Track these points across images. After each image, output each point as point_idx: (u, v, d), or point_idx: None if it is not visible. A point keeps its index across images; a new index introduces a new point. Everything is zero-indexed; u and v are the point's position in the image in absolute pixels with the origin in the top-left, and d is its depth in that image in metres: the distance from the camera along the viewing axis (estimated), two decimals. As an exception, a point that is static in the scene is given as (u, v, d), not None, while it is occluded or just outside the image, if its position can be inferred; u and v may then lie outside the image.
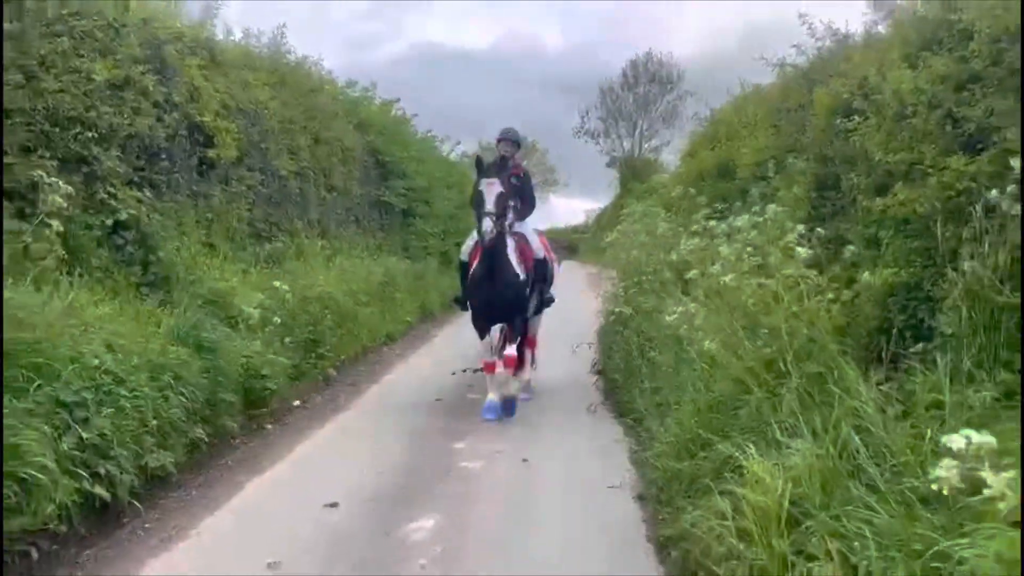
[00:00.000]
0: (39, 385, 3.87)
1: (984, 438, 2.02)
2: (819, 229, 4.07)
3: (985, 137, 3.82)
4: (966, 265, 3.50)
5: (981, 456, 2.03)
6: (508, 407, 6.62)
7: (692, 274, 4.33)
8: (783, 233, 3.80)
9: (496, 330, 6.95)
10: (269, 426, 6.32)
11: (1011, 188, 3.35)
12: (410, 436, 6.12)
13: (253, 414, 6.23)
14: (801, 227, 3.72)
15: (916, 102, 4.24)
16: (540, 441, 6.00)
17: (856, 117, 5.08)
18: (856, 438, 2.67)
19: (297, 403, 7.06)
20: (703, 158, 9.74)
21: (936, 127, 4.08)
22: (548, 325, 8.20)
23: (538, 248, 7.31)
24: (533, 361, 7.81)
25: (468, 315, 7.17)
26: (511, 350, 6.75)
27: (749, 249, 3.95)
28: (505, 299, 6.65)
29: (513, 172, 7.12)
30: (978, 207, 3.54)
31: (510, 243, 6.72)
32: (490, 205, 6.36)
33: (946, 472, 2.04)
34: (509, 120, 8.92)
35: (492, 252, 6.50)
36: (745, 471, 2.83)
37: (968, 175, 3.72)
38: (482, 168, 6.66)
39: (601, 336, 9.58)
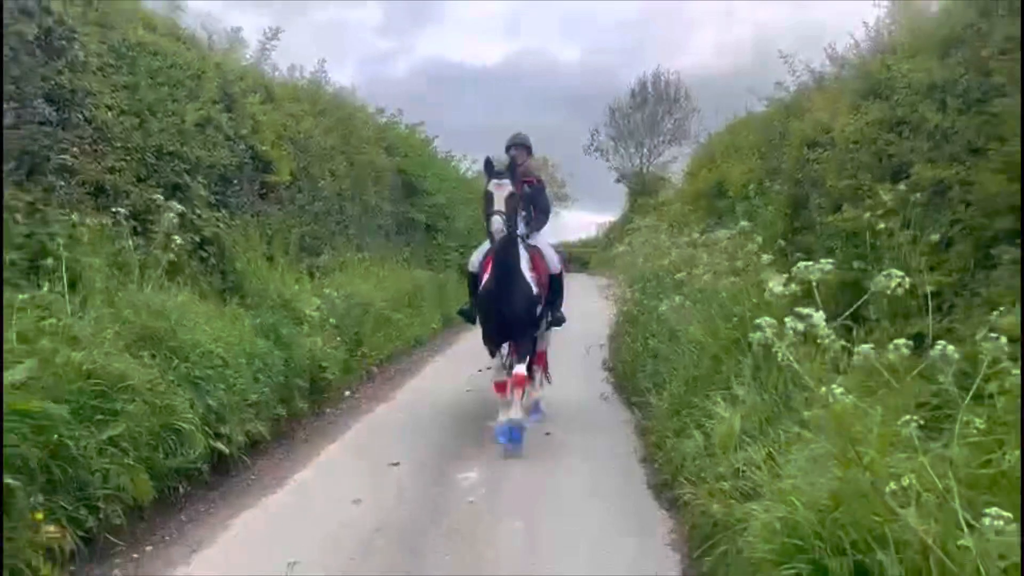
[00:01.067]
0: (176, 364, 5.03)
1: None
2: (780, 240, 5.18)
3: (907, 168, 4.94)
4: (888, 268, 4.60)
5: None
6: (516, 434, 6.06)
7: (679, 276, 5.47)
8: (750, 244, 4.92)
9: (505, 346, 6.60)
10: (328, 409, 7.46)
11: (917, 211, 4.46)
12: (448, 417, 7.23)
13: (315, 399, 7.38)
14: (760, 239, 4.84)
15: (858, 140, 5.36)
16: (560, 421, 7.10)
17: (819, 149, 6.20)
18: (791, 387, 3.77)
19: (348, 392, 8.20)
20: (701, 178, 10.88)
21: (871, 160, 5.20)
22: (563, 330, 9.24)
23: (553, 263, 6.88)
24: (543, 380, 7.42)
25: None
26: (520, 368, 6.26)
27: (724, 256, 5.08)
28: (518, 315, 6.23)
29: (526, 180, 6.80)
30: (897, 223, 4.65)
31: (523, 256, 6.38)
32: (500, 205, 5.98)
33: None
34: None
35: (505, 265, 6.15)
36: (714, 415, 3.92)
37: (893, 198, 4.83)
38: (492, 170, 6.22)
39: (612, 339, 10.72)
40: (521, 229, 6.47)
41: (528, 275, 6.33)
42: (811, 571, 2.32)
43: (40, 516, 3.46)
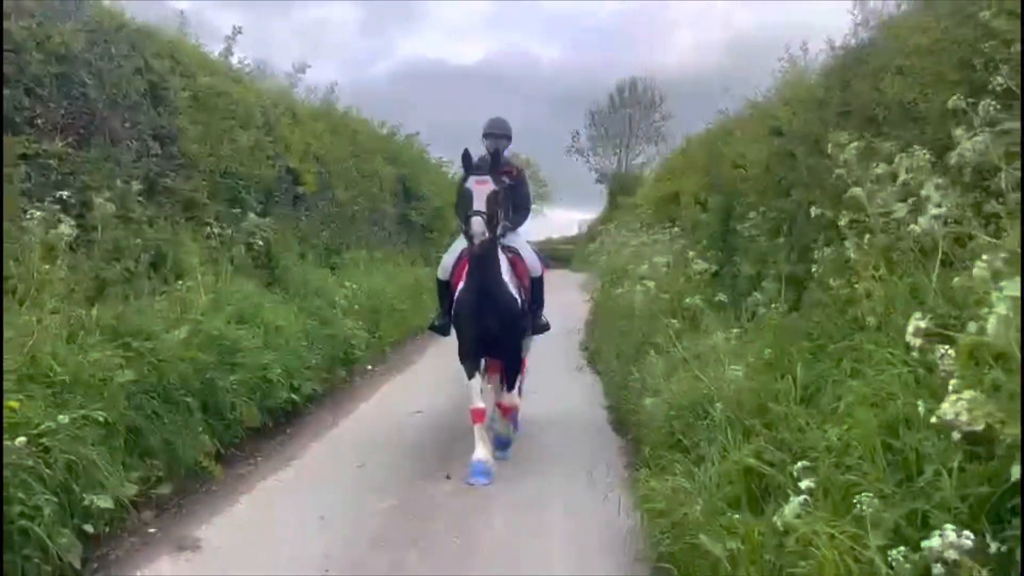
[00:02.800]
0: (261, 335, 6.82)
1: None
2: (704, 241, 7.06)
3: (793, 189, 6.81)
4: (781, 264, 6.48)
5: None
6: (503, 445, 5.95)
7: (629, 268, 7.35)
8: (681, 246, 6.80)
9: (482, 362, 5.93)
10: (357, 378, 9.26)
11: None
12: (453, 384, 9.02)
13: (348, 369, 9.17)
14: (683, 241, 6.72)
15: (764, 165, 7.24)
16: (543, 388, 8.91)
17: (741, 170, 8.08)
18: (707, 343, 5.62)
19: (370, 367, 10.00)
20: (663, 186, 12.76)
21: (772, 182, 7.08)
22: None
23: (534, 266, 6.17)
24: (520, 391, 6.57)
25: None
26: (513, 396, 5.95)
27: (666, 252, 6.95)
28: (501, 328, 5.54)
29: (505, 171, 6.05)
30: (785, 228, 6.52)
31: (503, 259, 5.70)
32: (480, 204, 5.26)
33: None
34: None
35: (484, 271, 5.44)
36: (646, 362, 5.80)
37: (783, 212, 6.71)
38: (470, 164, 5.54)
39: (588, 325, 12.61)
40: (501, 228, 5.68)
41: (510, 282, 5.64)
42: (674, 420, 4.22)
43: (203, 433, 5.27)
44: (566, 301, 13.57)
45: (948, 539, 2.00)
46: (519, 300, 5.69)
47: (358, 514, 4.77)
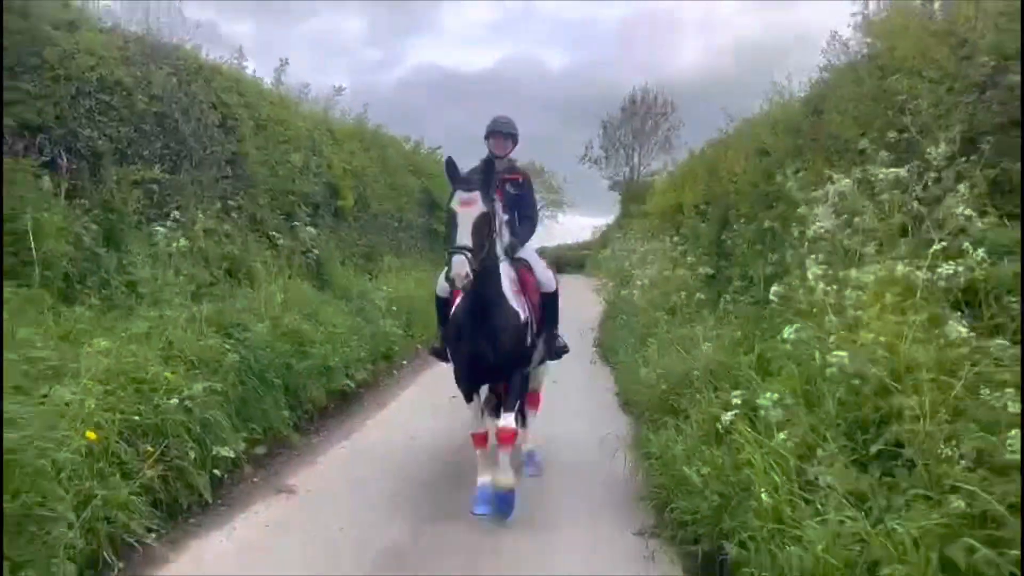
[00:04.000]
0: (322, 330, 8.00)
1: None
2: (701, 248, 8.19)
3: (777, 200, 7.92)
4: (759, 268, 7.61)
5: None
6: (504, 503, 4.86)
7: (635, 272, 8.49)
8: (680, 251, 7.94)
9: (485, 389, 5.44)
10: (395, 371, 10.44)
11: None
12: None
13: (388, 363, 10.35)
14: (683, 247, 7.85)
15: (752, 179, 8.36)
16: (561, 377, 10.05)
17: (734, 183, 9.20)
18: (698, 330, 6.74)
19: (405, 361, 11.18)
20: (669, 196, 13.88)
21: (759, 195, 8.20)
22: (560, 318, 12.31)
23: (546, 279, 5.55)
24: (523, 421, 5.93)
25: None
26: (508, 419, 4.97)
27: (667, 258, 8.08)
28: (500, 350, 4.82)
29: (508, 178, 5.51)
30: (767, 237, 7.64)
31: (506, 272, 5.00)
32: (464, 236, 4.43)
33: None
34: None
35: (481, 284, 4.59)
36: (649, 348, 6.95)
37: (765, 224, 7.83)
38: (456, 175, 4.65)
39: (600, 325, 13.76)
40: (506, 240, 5.11)
41: (513, 299, 4.94)
42: (665, 390, 5.38)
43: (284, 408, 6.46)
44: (580, 304, 14.76)
45: (829, 449, 3.14)
46: (523, 317, 4.93)
47: (417, 470, 5.95)
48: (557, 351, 5.76)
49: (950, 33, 4.57)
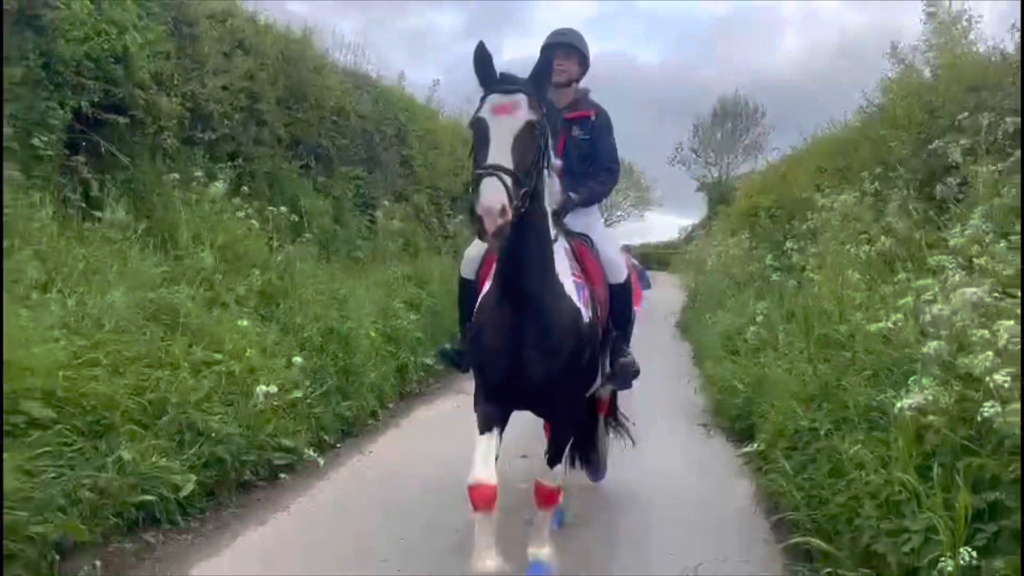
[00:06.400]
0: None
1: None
2: (765, 244, 10.43)
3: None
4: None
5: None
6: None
7: (710, 263, 10.79)
8: (750, 246, 10.22)
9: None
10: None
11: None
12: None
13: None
14: (751, 243, 10.10)
15: (808, 191, 10.50)
16: (643, 346, 12.40)
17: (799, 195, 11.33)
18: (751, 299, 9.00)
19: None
20: (747, 201, 15.95)
21: (814, 207, 10.35)
22: (649, 305, 14.79)
23: (614, 265, 3.87)
24: (617, 435, 4.92)
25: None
26: (550, 476, 3.42)
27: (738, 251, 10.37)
28: (549, 362, 3.09)
29: (574, 116, 3.89)
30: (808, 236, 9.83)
31: (562, 250, 3.31)
32: (501, 153, 2.74)
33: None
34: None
35: (522, 263, 3.01)
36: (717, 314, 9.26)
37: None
38: (490, 71, 2.97)
39: (683, 310, 16.06)
40: (556, 199, 3.36)
41: (570, 284, 3.25)
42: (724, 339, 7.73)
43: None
44: (665, 297, 17.08)
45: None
46: (585, 317, 3.26)
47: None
48: (621, 372, 3.79)
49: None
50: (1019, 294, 2.53)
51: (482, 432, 3.22)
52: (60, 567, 3.26)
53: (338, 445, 5.75)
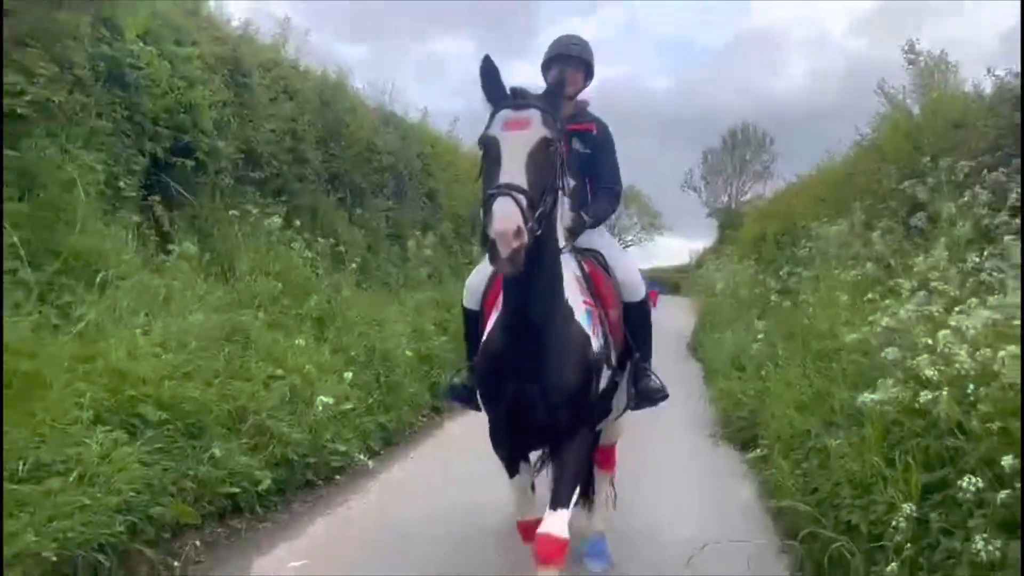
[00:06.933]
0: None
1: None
2: (769, 267, 11.07)
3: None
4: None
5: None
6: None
7: (720, 287, 11.45)
8: (755, 270, 10.87)
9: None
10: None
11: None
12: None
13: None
14: (756, 268, 10.75)
15: (805, 221, 11.16)
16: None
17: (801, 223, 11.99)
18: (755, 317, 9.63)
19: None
20: (753, 227, 16.63)
21: (806, 232, 10.99)
22: (660, 327, 15.24)
23: (632, 281, 3.72)
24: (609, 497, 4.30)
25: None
26: (556, 521, 2.96)
27: (743, 274, 11.02)
28: (556, 396, 2.95)
29: (576, 128, 3.68)
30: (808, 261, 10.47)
31: (570, 268, 3.20)
32: (515, 172, 2.61)
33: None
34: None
35: (528, 289, 2.83)
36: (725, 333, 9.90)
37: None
38: (498, 87, 2.88)
39: (694, 332, 16.68)
40: (566, 215, 3.22)
41: (579, 307, 3.10)
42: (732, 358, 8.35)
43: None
44: (675, 319, 17.72)
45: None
46: (596, 345, 3.12)
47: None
48: (647, 394, 3.73)
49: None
50: (958, 310, 3.16)
51: (512, 473, 3.29)
52: (170, 545, 3.93)
53: (381, 452, 6.39)
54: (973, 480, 2.55)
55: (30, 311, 4.27)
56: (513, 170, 2.61)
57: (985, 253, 3.69)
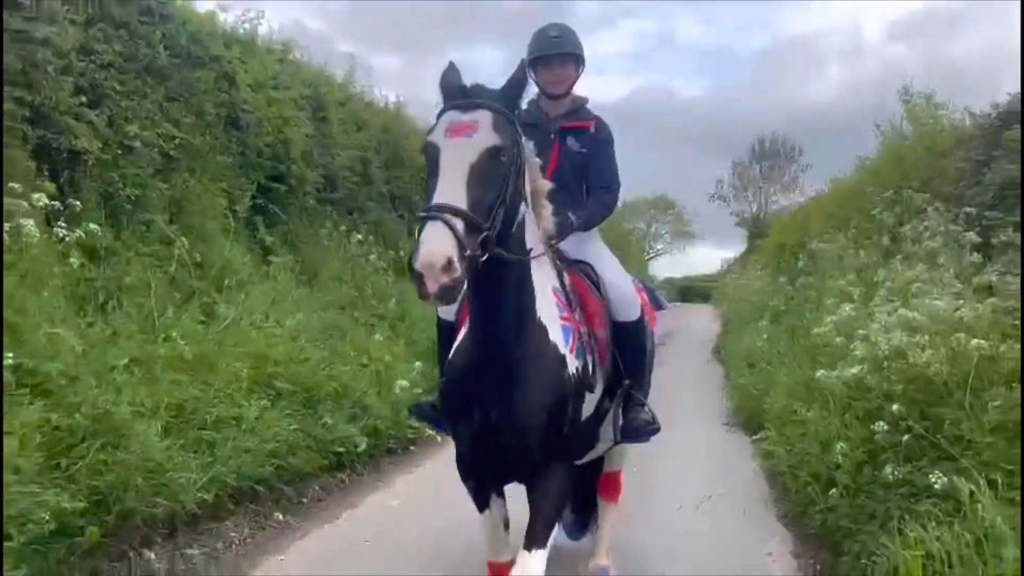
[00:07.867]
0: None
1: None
2: (783, 278, 12.15)
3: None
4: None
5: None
6: None
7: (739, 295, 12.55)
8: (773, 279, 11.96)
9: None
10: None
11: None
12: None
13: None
14: (775, 275, 11.82)
15: (817, 236, 12.21)
16: (680, 368, 14.09)
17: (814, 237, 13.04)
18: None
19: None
20: (775, 239, 17.63)
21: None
22: (686, 337, 16.59)
23: (625, 298, 3.33)
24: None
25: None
26: (531, 563, 2.68)
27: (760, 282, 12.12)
28: (522, 426, 2.66)
29: (571, 126, 3.45)
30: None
31: (546, 279, 2.82)
32: (453, 189, 2.29)
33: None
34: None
35: (494, 304, 2.59)
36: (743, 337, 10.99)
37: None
38: (452, 86, 2.57)
39: (718, 337, 17.75)
40: (549, 218, 2.85)
41: (557, 331, 2.75)
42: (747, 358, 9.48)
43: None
44: (705, 325, 18.81)
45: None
46: (572, 365, 2.77)
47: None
48: (634, 427, 3.28)
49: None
50: (886, 310, 4.31)
51: (482, 508, 2.98)
52: (299, 488, 5.22)
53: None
54: (882, 426, 3.71)
55: (187, 309, 5.59)
56: (451, 186, 2.27)
57: (922, 266, 4.80)
